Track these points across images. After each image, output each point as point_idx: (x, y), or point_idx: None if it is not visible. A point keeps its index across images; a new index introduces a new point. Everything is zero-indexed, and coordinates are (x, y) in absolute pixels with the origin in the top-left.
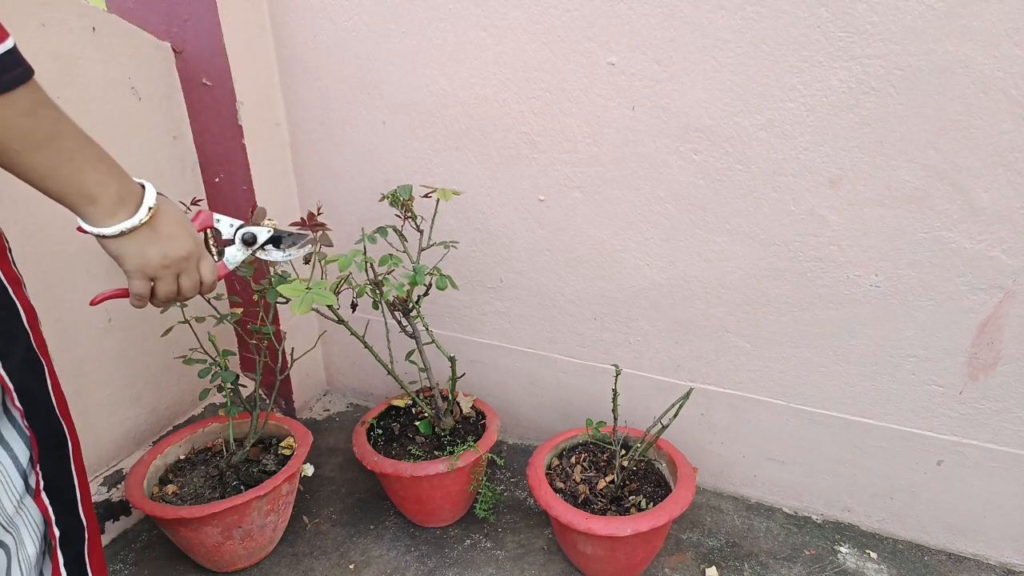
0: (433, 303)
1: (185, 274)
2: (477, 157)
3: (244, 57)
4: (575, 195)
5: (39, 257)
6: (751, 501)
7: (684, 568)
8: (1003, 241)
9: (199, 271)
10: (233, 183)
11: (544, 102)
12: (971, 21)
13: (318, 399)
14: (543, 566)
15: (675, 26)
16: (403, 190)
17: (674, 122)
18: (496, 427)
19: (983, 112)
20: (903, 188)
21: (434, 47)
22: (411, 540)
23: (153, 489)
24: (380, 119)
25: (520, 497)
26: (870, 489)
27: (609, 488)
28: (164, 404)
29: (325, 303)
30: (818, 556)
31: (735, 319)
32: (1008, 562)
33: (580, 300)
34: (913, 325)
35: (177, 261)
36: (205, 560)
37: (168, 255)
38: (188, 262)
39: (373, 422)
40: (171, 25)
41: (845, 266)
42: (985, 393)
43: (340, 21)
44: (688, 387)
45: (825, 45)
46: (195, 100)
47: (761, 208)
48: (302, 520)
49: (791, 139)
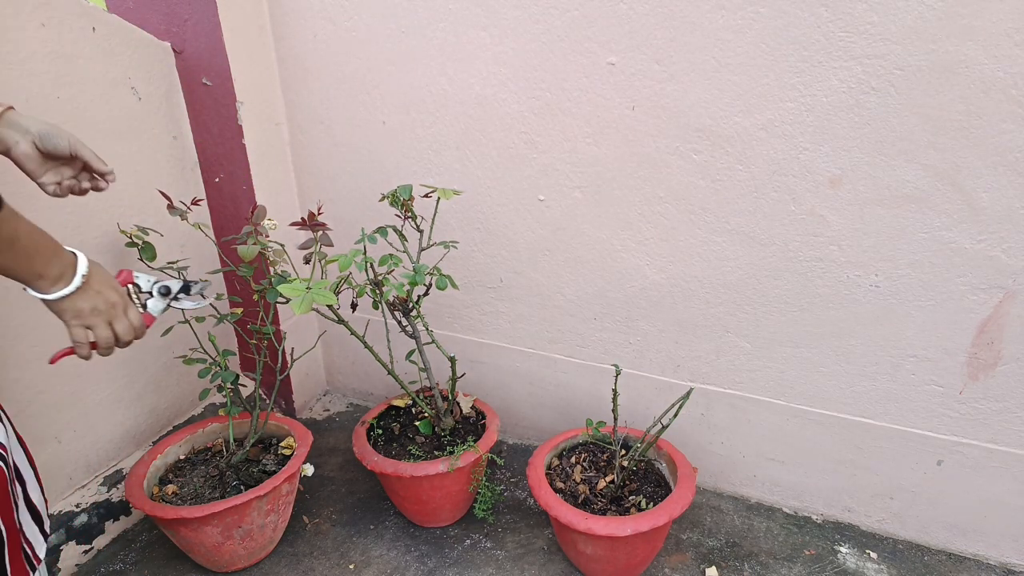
0: (433, 303)
1: (116, 320)
2: (477, 157)
3: (244, 57)
4: (575, 195)
5: None
6: (751, 501)
7: (684, 568)
8: (1003, 241)
9: (127, 317)
10: (233, 183)
11: (544, 102)
12: (971, 21)
13: (318, 399)
14: (543, 566)
15: (675, 26)
16: (403, 190)
17: (674, 122)
18: (496, 427)
19: (983, 112)
20: (903, 188)
21: (434, 47)
22: (411, 540)
23: (153, 489)
24: (380, 119)
25: (520, 497)
26: (870, 489)
27: (609, 488)
28: (164, 404)
29: (325, 303)
30: (818, 556)
31: (735, 319)
32: (1008, 562)
33: (580, 300)
34: (913, 325)
35: (106, 309)
36: (205, 560)
37: (96, 306)
38: (116, 309)
39: (373, 422)
40: (171, 25)
41: (845, 266)
42: (985, 393)
43: (340, 21)
44: (688, 387)
45: (825, 45)
46: (195, 100)
47: (761, 208)
48: (302, 520)
49: (791, 139)
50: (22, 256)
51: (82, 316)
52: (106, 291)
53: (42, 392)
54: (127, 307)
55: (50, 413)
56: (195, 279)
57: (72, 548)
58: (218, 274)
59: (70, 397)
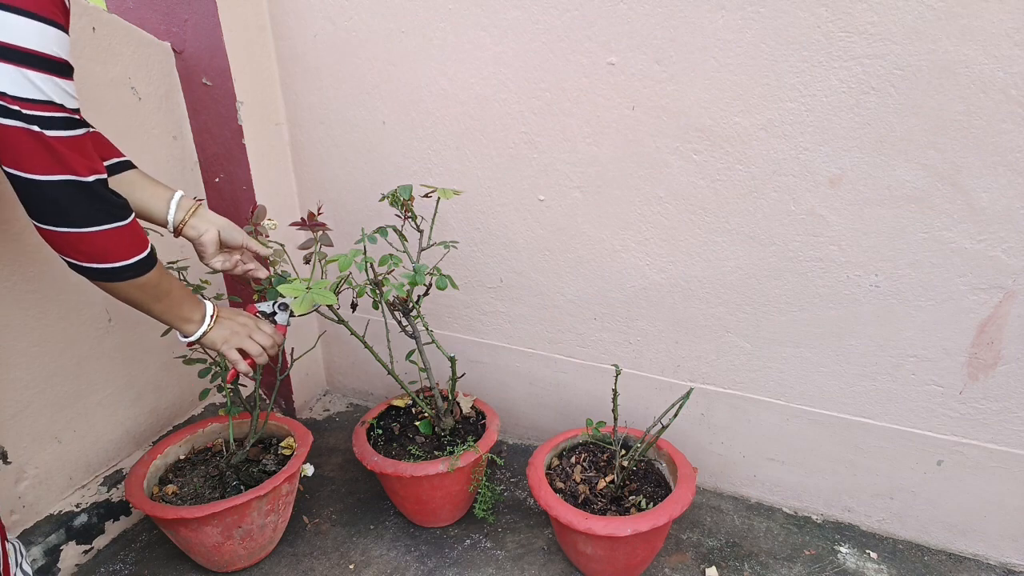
0: (433, 303)
1: (254, 334)
2: (477, 157)
3: (244, 57)
4: (575, 195)
5: (39, 257)
6: (751, 501)
7: (684, 568)
8: (1003, 241)
9: (262, 330)
10: (233, 183)
11: (544, 102)
12: (971, 21)
13: (318, 399)
14: (543, 566)
15: (675, 26)
16: (403, 190)
17: (674, 122)
18: (496, 427)
19: (983, 112)
20: (903, 188)
21: (434, 47)
22: (411, 540)
23: (153, 489)
24: (380, 119)
25: (520, 497)
26: (870, 489)
27: (609, 488)
28: (164, 404)
29: (326, 303)
30: (818, 556)
31: (735, 319)
32: (1008, 562)
33: (580, 300)
34: (913, 325)
35: (241, 330)
36: (205, 560)
37: (234, 330)
38: (246, 328)
39: (373, 422)
40: (171, 25)
41: (845, 266)
42: (985, 393)
43: (340, 21)
44: (688, 387)
45: (825, 45)
46: (195, 100)
47: (761, 208)
48: (302, 520)
49: (791, 139)
50: (176, 304)
51: (229, 341)
52: (235, 317)
53: (42, 392)
54: (258, 323)
55: (50, 413)
56: None
57: (72, 548)
58: (218, 275)
59: (70, 397)
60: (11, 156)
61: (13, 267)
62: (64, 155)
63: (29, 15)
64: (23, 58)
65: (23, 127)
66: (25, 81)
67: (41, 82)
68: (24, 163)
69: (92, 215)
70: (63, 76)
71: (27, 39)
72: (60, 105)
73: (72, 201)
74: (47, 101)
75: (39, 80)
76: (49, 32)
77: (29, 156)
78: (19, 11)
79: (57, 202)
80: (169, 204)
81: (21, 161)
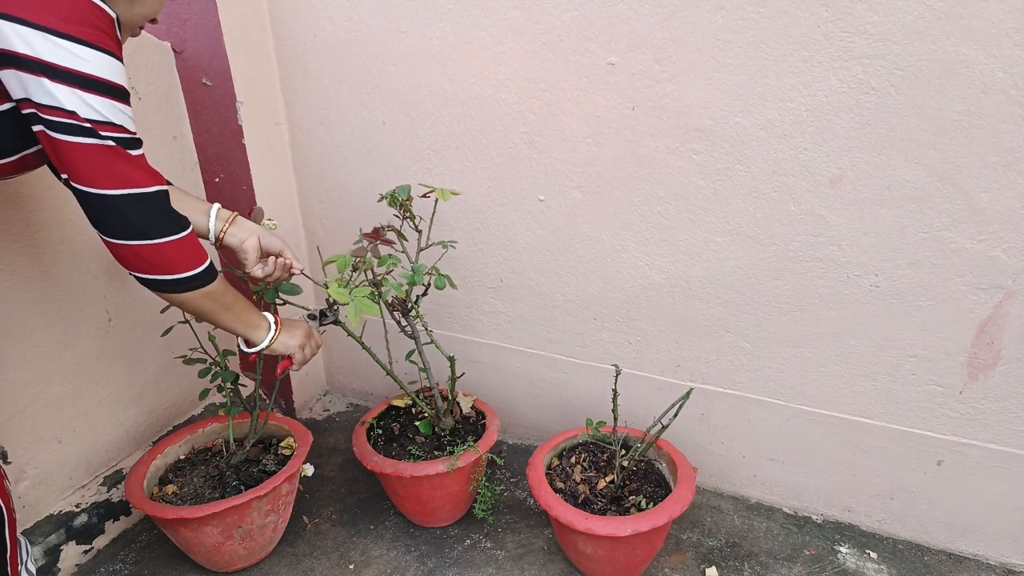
0: (433, 303)
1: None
2: (477, 157)
3: (244, 57)
4: (575, 195)
5: (40, 256)
6: (751, 501)
7: (684, 568)
8: (1003, 241)
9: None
10: (233, 183)
11: (544, 102)
12: (971, 21)
13: (318, 399)
14: (543, 566)
15: (675, 26)
16: (401, 190)
17: (674, 122)
18: (496, 427)
19: (983, 112)
20: (903, 188)
21: (434, 47)
22: (411, 540)
23: (153, 489)
24: (380, 119)
25: (520, 497)
26: (870, 489)
27: (609, 488)
28: (164, 404)
29: (371, 315)
30: (818, 556)
31: (735, 319)
32: (1008, 562)
33: (580, 300)
34: (913, 325)
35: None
36: (205, 560)
37: (290, 342)
38: (309, 336)
39: (373, 422)
40: (171, 25)
41: (845, 266)
42: (985, 393)
43: (340, 21)
44: (688, 387)
45: (825, 45)
46: (195, 100)
47: (761, 208)
48: (302, 520)
49: (791, 139)
50: (244, 312)
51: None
52: (296, 323)
53: (42, 392)
54: (311, 330)
55: (50, 413)
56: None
57: (72, 548)
58: None
59: (70, 397)
60: (85, 174)
61: (13, 267)
62: (134, 171)
63: (94, 47)
64: (92, 85)
65: (99, 143)
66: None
67: (106, 106)
68: (97, 180)
69: (161, 227)
70: (123, 101)
71: (96, 68)
72: (122, 127)
73: (143, 214)
74: (114, 123)
75: (105, 104)
76: (112, 62)
77: (102, 173)
78: (88, 44)
79: (129, 216)
80: (209, 215)
81: (95, 178)
